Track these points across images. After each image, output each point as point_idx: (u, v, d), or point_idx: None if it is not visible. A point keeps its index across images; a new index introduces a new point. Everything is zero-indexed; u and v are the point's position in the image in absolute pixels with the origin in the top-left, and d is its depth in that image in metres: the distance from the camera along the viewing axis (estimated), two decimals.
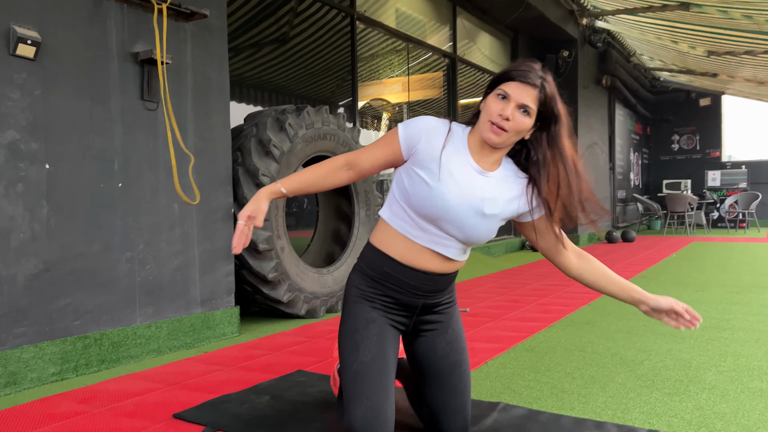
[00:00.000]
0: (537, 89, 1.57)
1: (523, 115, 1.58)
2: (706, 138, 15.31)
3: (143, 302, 3.05)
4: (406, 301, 1.74)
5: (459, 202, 1.62)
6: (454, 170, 1.62)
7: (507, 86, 1.58)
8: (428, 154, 1.62)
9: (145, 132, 3.05)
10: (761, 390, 2.45)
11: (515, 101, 1.56)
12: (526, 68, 1.58)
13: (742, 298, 4.64)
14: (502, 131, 1.57)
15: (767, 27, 7.83)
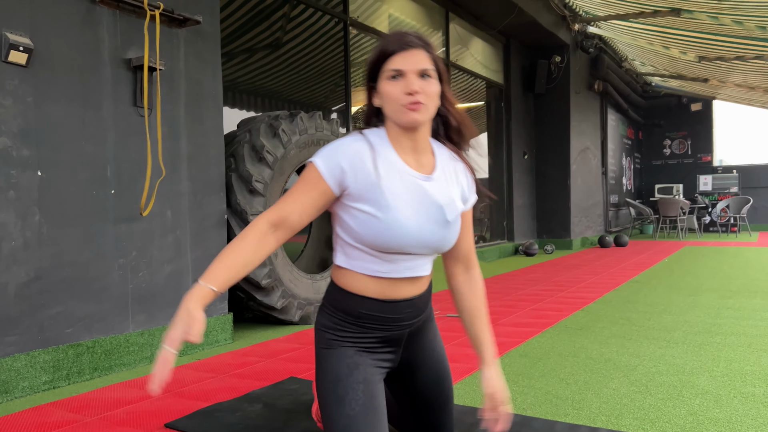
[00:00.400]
0: (423, 49, 1.43)
1: (427, 81, 1.42)
2: (698, 143, 15.41)
3: (136, 310, 3.04)
4: (392, 336, 1.56)
5: (419, 223, 1.44)
6: (398, 189, 1.43)
7: (393, 63, 1.41)
8: (364, 185, 1.41)
9: (137, 138, 3.04)
10: (754, 395, 2.46)
11: (412, 71, 1.40)
12: (399, 37, 1.43)
13: (734, 302, 4.66)
14: (419, 105, 1.40)
15: (757, 33, 7.90)
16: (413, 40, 1.43)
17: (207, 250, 3.41)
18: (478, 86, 8.85)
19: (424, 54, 1.42)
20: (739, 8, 7.15)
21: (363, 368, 1.48)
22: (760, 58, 9.46)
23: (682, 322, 3.93)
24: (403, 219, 1.42)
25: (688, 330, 3.70)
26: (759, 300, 4.75)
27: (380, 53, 1.43)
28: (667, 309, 4.42)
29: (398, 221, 1.41)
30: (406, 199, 1.43)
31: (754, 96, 12.70)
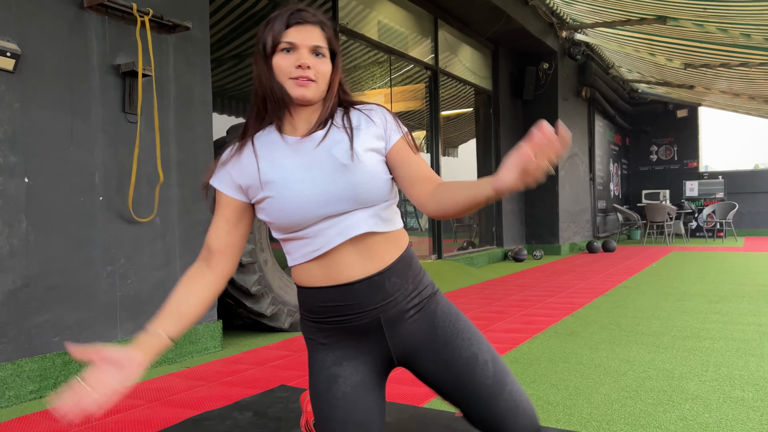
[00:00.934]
0: (319, 26, 1.37)
1: (320, 59, 1.36)
2: (684, 149, 15.56)
3: (124, 317, 3.01)
4: (361, 326, 1.38)
5: (310, 181, 1.33)
6: (281, 160, 1.35)
7: (287, 36, 1.33)
8: (252, 176, 1.36)
9: (126, 145, 3.02)
10: (743, 399, 2.48)
11: (305, 46, 1.33)
12: (296, 9, 1.37)
13: (721, 307, 4.70)
14: (310, 81, 1.33)
15: (741, 40, 8.01)
16: (308, 15, 1.37)
17: (196, 256, 3.37)
18: (467, 93, 8.89)
19: (319, 31, 1.37)
20: (724, 16, 7.24)
21: (342, 380, 1.38)
22: (745, 66, 9.59)
23: (670, 327, 3.95)
24: (295, 184, 1.33)
25: (676, 335, 3.73)
26: (746, 305, 4.79)
27: (274, 26, 1.36)
28: (655, 314, 4.45)
29: (290, 189, 1.33)
30: (293, 167, 1.35)
31: (739, 102, 12.86)
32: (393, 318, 1.39)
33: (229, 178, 1.38)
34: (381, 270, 1.36)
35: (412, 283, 1.41)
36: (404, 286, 1.39)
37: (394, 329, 1.40)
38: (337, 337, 1.40)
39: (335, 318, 1.38)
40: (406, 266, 1.41)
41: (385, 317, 1.38)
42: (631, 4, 7.64)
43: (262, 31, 1.38)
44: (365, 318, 1.37)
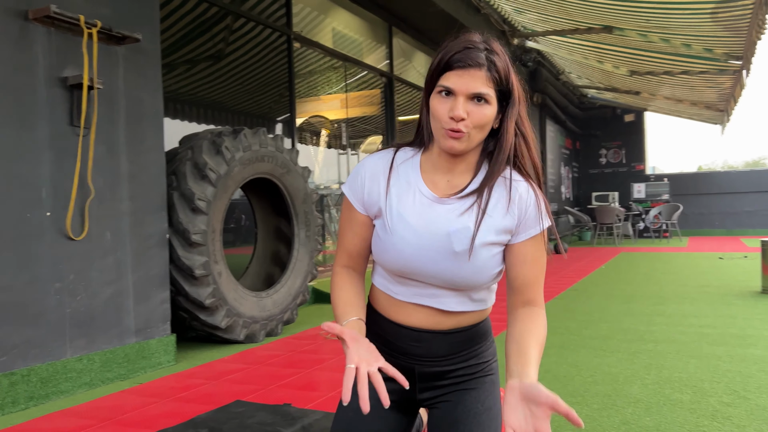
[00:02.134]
0: (485, 68, 1.22)
1: (481, 105, 1.23)
2: (631, 152, 16.08)
3: (74, 334, 2.95)
4: (398, 365, 1.35)
5: (416, 249, 1.29)
6: (405, 210, 1.31)
7: (447, 79, 1.23)
8: (376, 203, 1.34)
9: (74, 159, 2.97)
10: (681, 401, 2.60)
11: (463, 94, 1.22)
12: (464, 46, 1.23)
13: (665, 309, 4.90)
14: (461, 134, 1.23)
15: (683, 50, 8.34)
16: (477, 56, 1.22)
17: (149, 270, 3.34)
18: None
19: (485, 75, 1.22)
20: (666, 27, 7.54)
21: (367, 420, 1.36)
22: (686, 73, 9.99)
23: (617, 330, 4.10)
24: (400, 243, 1.30)
25: (622, 338, 3.87)
26: (688, 306, 5.00)
27: (439, 62, 1.26)
28: (603, 317, 4.61)
29: (395, 245, 1.30)
30: (409, 222, 1.30)
31: (682, 108, 13.37)
32: (427, 375, 1.39)
33: (363, 193, 1.37)
34: (437, 330, 1.36)
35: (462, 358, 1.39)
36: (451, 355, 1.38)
37: (426, 384, 1.40)
38: None
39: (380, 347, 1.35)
40: (462, 340, 1.38)
41: (420, 371, 1.39)
42: (579, 14, 7.87)
43: (433, 61, 1.29)
44: (404, 361, 1.38)
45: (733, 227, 14.96)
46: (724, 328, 4.10)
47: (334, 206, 7.03)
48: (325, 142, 7.10)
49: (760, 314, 4.55)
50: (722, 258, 9.16)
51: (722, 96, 10.98)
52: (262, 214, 4.79)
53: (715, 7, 6.25)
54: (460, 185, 1.32)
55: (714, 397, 2.66)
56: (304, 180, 4.50)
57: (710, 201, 15.20)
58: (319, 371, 3.22)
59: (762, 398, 2.62)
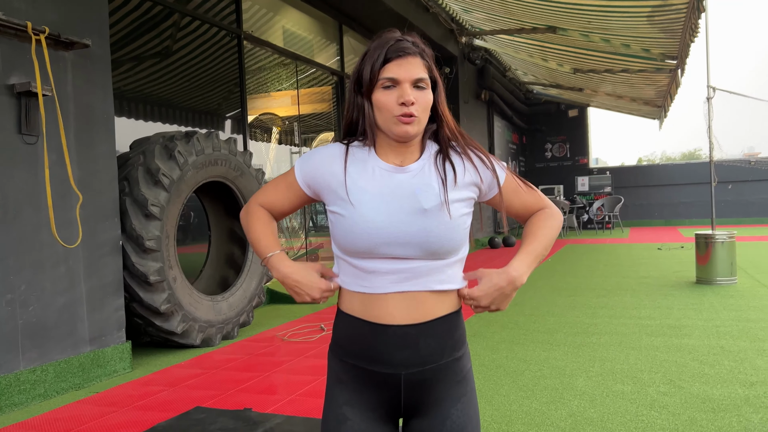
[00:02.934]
0: (419, 56, 1.30)
1: (422, 90, 1.30)
2: (575, 146, 16.59)
3: (26, 346, 2.91)
4: (383, 379, 1.34)
5: (389, 215, 1.30)
6: (366, 184, 1.33)
7: (388, 71, 1.29)
8: (333, 185, 1.36)
9: (24, 167, 2.92)
10: (623, 392, 2.78)
11: (407, 81, 1.28)
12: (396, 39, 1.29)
13: (608, 301, 5.14)
14: (414, 118, 1.29)
15: (623, 50, 8.68)
16: (408, 46, 1.28)
17: (102, 278, 3.31)
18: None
19: (420, 62, 1.30)
20: (607, 29, 7.83)
21: (351, 423, 1.36)
22: (626, 71, 10.39)
23: (563, 324, 4.29)
24: (370, 212, 1.30)
25: (568, 331, 4.06)
26: (629, 298, 5.26)
27: (374, 60, 1.29)
28: (550, 310, 4.80)
29: (363, 216, 1.31)
30: (373, 193, 1.33)
31: (622, 104, 13.88)
32: (417, 384, 1.36)
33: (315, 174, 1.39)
34: (421, 322, 1.33)
35: (447, 354, 1.36)
36: (438, 354, 1.35)
37: (412, 391, 1.36)
38: (356, 379, 1.37)
39: (358, 355, 1.35)
40: (448, 330, 1.36)
41: (411, 381, 1.35)
42: (524, 15, 8.09)
43: (359, 63, 1.33)
44: (389, 369, 1.34)
45: (671, 218, 15.65)
46: (662, 318, 4.34)
47: None
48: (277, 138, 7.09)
49: (694, 304, 4.83)
50: (660, 249, 9.60)
51: (659, 93, 11.47)
52: (215, 216, 4.78)
53: (651, 10, 6.54)
54: (410, 159, 1.37)
55: (652, 387, 2.84)
56: (258, 182, 4.52)
57: (649, 193, 15.85)
58: (277, 374, 3.26)
59: (695, 387, 2.82)
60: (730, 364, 3.15)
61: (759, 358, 3.24)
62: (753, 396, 2.66)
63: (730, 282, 5.76)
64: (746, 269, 6.70)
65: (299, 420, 2.48)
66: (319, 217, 7.85)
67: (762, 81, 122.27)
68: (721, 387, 2.80)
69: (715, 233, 5.81)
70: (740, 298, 5.01)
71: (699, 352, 3.42)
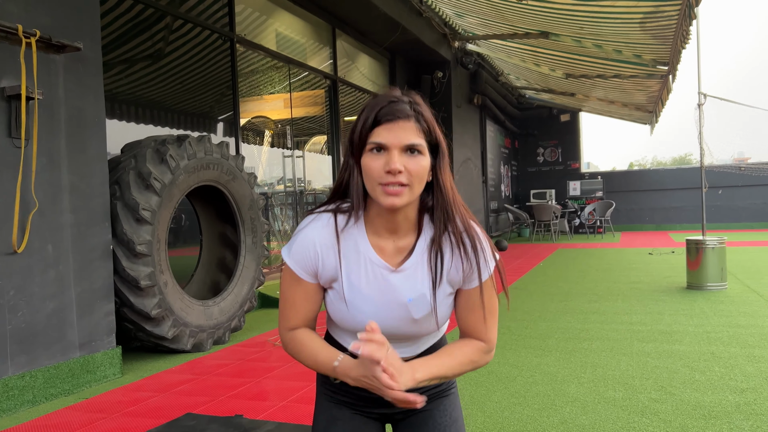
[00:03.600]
0: (413, 119, 1.22)
1: (415, 156, 1.22)
2: (567, 151, 16.65)
3: (15, 351, 2.88)
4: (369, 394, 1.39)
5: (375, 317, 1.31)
6: (359, 282, 1.32)
7: (377, 135, 1.22)
8: (330, 274, 1.34)
9: (13, 171, 2.89)
10: (614, 399, 2.78)
11: (396, 147, 1.21)
12: (389, 100, 1.23)
13: (599, 306, 5.15)
14: (402, 188, 1.21)
15: (614, 55, 8.72)
16: (403, 108, 1.22)
17: (93, 283, 3.29)
18: (366, 100, 9.06)
19: (414, 126, 1.22)
20: (599, 34, 7.87)
21: (342, 423, 1.42)
22: (618, 77, 10.45)
23: (555, 329, 4.30)
24: (361, 315, 1.32)
25: (560, 337, 4.06)
26: (620, 303, 5.28)
27: (364, 121, 1.24)
28: (542, 316, 4.81)
29: (355, 317, 1.32)
30: (366, 294, 1.32)
31: (614, 109, 13.96)
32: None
33: (312, 265, 1.33)
34: (409, 357, 1.37)
35: None
36: None
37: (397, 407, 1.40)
38: (344, 392, 1.43)
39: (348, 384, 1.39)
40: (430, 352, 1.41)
41: None
42: (517, 20, 8.12)
43: (356, 120, 1.26)
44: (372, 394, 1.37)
45: (662, 222, 15.74)
46: (653, 324, 4.36)
47: (278, 206, 7.02)
48: (269, 142, 7.08)
49: (685, 310, 4.85)
50: (652, 253, 9.64)
51: (651, 98, 11.53)
52: (206, 220, 4.76)
53: (643, 17, 6.58)
54: (407, 246, 1.33)
55: (643, 393, 2.85)
56: (250, 186, 4.50)
57: (641, 198, 15.93)
58: (268, 380, 3.25)
59: (686, 393, 2.83)
60: (721, 371, 3.16)
61: (749, 365, 3.26)
62: (744, 403, 2.67)
63: (721, 287, 5.79)
64: (736, 275, 6.74)
65: (290, 427, 2.47)
66: None
67: (752, 87, 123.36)
68: (712, 393, 2.81)
69: (705, 239, 5.84)
70: (730, 304, 5.04)
71: (690, 358, 3.43)
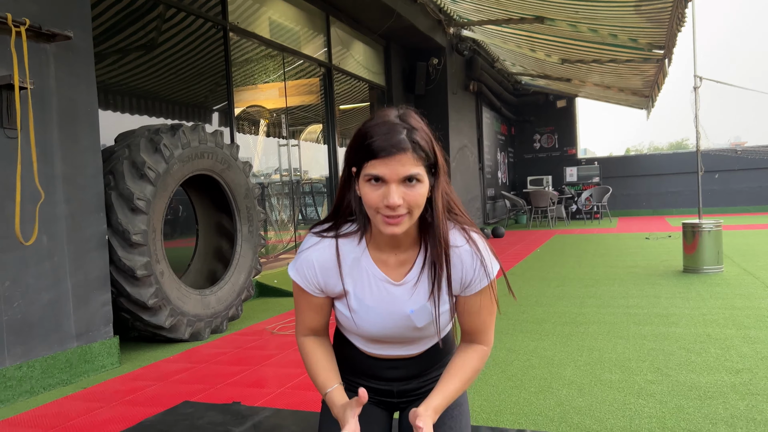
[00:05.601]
0: (410, 150, 1.21)
1: (413, 186, 1.22)
2: (564, 137, 16.63)
3: (12, 342, 2.88)
4: (377, 389, 1.53)
5: (380, 329, 1.40)
6: (363, 295, 1.37)
7: (374, 167, 1.21)
8: (334, 291, 1.40)
9: (6, 162, 2.88)
10: (611, 381, 2.79)
11: (394, 180, 1.21)
12: (385, 131, 1.22)
13: (596, 291, 5.16)
14: (401, 218, 1.23)
15: (610, 39, 8.69)
16: (400, 141, 1.20)
17: (89, 273, 3.28)
18: (361, 88, 9.03)
19: (411, 156, 1.21)
20: (594, 18, 7.83)
21: None
22: (614, 62, 10.41)
23: (551, 314, 4.31)
24: (367, 324, 1.39)
25: (556, 321, 4.07)
26: (617, 287, 5.29)
27: (362, 149, 1.23)
28: (539, 301, 4.82)
29: (361, 328, 1.40)
30: (370, 306, 1.37)
31: (610, 94, 13.92)
32: (406, 391, 1.54)
33: (314, 281, 1.39)
34: (414, 355, 1.49)
35: (437, 368, 1.52)
36: (431, 371, 1.52)
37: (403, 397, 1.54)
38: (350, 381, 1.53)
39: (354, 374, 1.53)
40: (439, 352, 1.51)
41: (399, 389, 1.53)
42: (512, 5, 8.07)
43: (351, 144, 1.28)
44: (384, 384, 1.52)
45: (659, 207, 15.76)
46: (650, 307, 4.37)
47: (275, 196, 7.00)
48: (264, 131, 7.05)
49: (681, 293, 4.87)
50: (648, 238, 9.66)
51: (647, 83, 11.50)
52: (202, 210, 4.75)
53: (638, 0, 6.54)
54: (409, 261, 1.37)
55: (640, 375, 2.86)
56: (245, 175, 4.49)
57: (637, 183, 15.94)
58: (266, 367, 3.25)
59: (682, 375, 2.84)
60: (717, 352, 3.18)
61: (745, 346, 3.27)
62: (739, 383, 2.68)
63: (717, 270, 5.81)
64: (732, 258, 6.76)
65: (288, 413, 2.48)
66: (308, 210, 7.82)
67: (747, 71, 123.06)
68: (707, 374, 2.82)
69: (701, 222, 5.85)
70: (726, 287, 5.05)
71: (686, 340, 3.45)
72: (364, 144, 1.23)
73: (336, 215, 1.39)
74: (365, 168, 1.23)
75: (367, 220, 1.34)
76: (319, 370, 1.42)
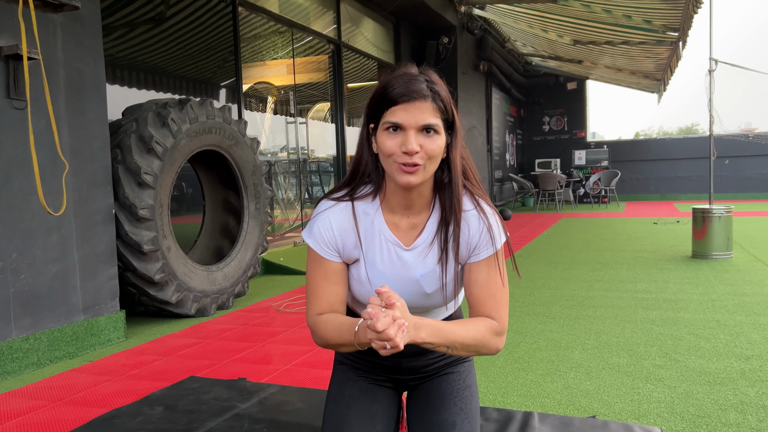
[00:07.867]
0: (430, 99, 1.23)
1: (431, 136, 1.24)
2: (573, 119, 16.48)
3: (19, 314, 2.88)
4: (384, 363, 1.51)
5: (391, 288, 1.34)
6: (375, 259, 1.37)
7: (393, 114, 1.23)
8: (350, 253, 1.39)
9: (13, 133, 2.85)
10: (618, 365, 2.77)
11: (413, 127, 1.22)
12: (405, 80, 1.24)
13: (603, 275, 5.13)
14: (416, 167, 1.24)
15: (624, 21, 8.55)
16: (420, 88, 1.23)
17: (95, 247, 3.27)
18: (370, 66, 8.93)
19: (431, 106, 1.23)
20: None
21: (353, 382, 1.51)
22: (627, 44, 10.26)
23: (559, 297, 4.29)
24: (377, 280, 1.38)
25: (564, 304, 4.05)
26: (624, 271, 5.26)
27: (381, 97, 1.25)
28: (546, 283, 4.80)
29: (372, 292, 1.38)
30: (382, 270, 1.37)
31: (621, 77, 13.75)
32: (414, 368, 1.53)
33: (335, 244, 1.37)
34: None
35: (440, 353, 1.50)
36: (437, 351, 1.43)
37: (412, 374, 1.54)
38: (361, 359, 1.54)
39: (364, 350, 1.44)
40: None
41: (408, 365, 1.52)
42: None
43: (372, 96, 1.28)
44: (387, 361, 1.50)
45: (668, 192, 15.65)
46: (658, 292, 4.34)
47: (282, 174, 6.97)
48: (272, 108, 7.00)
49: (690, 278, 4.83)
50: (656, 223, 9.60)
51: (659, 66, 11.34)
52: (209, 186, 4.72)
53: None
54: (420, 223, 1.37)
55: (648, 360, 2.84)
56: (253, 151, 4.45)
57: (646, 167, 15.81)
58: (272, 344, 3.25)
59: (690, 360, 2.82)
60: (726, 338, 3.15)
61: (755, 332, 3.24)
62: (749, 370, 2.66)
63: (726, 256, 5.76)
64: (742, 244, 6.71)
65: (294, 390, 2.47)
66: (314, 189, 7.79)
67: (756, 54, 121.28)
68: (717, 360, 2.80)
69: (712, 208, 5.79)
70: (736, 273, 5.01)
71: (695, 325, 3.42)
72: (385, 93, 1.25)
73: (352, 179, 1.40)
74: (384, 116, 1.25)
75: (382, 178, 1.35)
76: (343, 320, 1.33)
